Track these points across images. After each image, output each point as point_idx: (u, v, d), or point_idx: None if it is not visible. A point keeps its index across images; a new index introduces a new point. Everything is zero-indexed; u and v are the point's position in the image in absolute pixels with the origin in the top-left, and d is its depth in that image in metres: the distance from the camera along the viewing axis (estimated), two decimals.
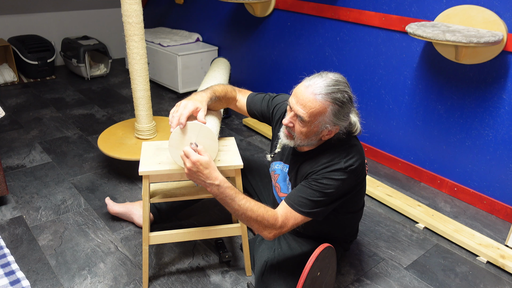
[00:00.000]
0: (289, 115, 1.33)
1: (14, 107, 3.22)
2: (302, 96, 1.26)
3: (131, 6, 2.01)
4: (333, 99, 1.24)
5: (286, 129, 1.35)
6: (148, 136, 2.31)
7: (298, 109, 1.26)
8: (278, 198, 1.61)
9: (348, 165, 1.32)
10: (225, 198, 1.26)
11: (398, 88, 2.36)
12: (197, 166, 1.23)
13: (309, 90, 1.25)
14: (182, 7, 3.93)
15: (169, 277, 1.65)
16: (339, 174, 1.31)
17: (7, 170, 2.35)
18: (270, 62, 3.14)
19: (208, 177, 1.24)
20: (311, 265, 1.26)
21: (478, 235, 1.91)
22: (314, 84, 1.26)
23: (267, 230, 1.30)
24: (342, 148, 1.35)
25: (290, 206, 1.33)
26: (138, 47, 2.11)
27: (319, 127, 1.29)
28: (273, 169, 1.58)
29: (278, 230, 1.31)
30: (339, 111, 1.26)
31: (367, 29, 2.41)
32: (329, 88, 1.24)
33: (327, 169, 1.32)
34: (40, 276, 1.63)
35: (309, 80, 1.28)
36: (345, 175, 1.32)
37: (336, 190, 1.32)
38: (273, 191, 1.65)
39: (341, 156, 1.33)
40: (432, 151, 2.31)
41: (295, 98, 1.29)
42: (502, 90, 1.95)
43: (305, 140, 1.33)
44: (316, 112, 1.25)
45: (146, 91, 2.21)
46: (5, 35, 3.90)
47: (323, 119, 1.26)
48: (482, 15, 1.89)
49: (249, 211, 1.26)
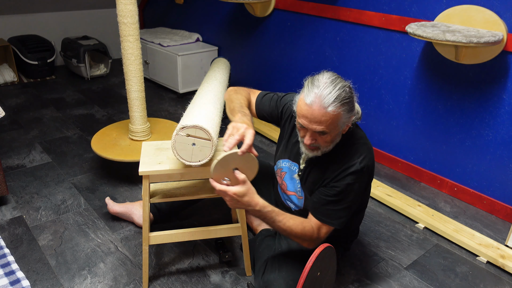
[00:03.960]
0: (307, 134, 1.32)
1: (14, 107, 3.22)
2: (312, 116, 1.25)
3: (126, 6, 2.01)
4: (340, 102, 1.24)
5: (310, 146, 1.35)
6: (142, 138, 2.30)
7: (315, 127, 1.27)
8: (284, 195, 1.61)
9: (363, 166, 1.35)
10: (266, 220, 1.35)
11: (398, 88, 2.36)
12: (235, 198, 1.28)
13: (315, 106, 1.24)
14: (182, 7, 3.93)
15: (169, 277, 1.65)
16: (356, 176, 1.35)
17: (7, 170, 2.35)
18: (270, 62, 3.14)
19: (248, 204, 1.30)
20: (311, 265, 1.26)
21: (478, 235, 1.91)
22: (317, 98, 1.24)
23: (306, 243, 1.40)
24: (354, 147, 1.38)
25: (320, 221, 1.39)
26: (133, 48, 2.10)
27: (339, 129, 1.31)
28: (280, 166, 1.58)
29: (315, 241, 1.40)
30: (349, 107, 1.28)
31: (367, 29, 2.41)
32: (332, 95, 1.23)
33: (344, 173, 1.35)
34: (40, 276, 1.63)
35: (308, 96, 1.25)
36: (362, 176, 1.36)
37: (356, 193, 1.38)
38: (278, 189, 1.66)
39: (355, 156, 1.36)
40: (432, 151, 2.31)
41: (305, 119, 1.27)
42: (502, 90, 1.95)
43: (331, 145, 1.35)
44: (332, 121, 1.26)
45: (141, 92, 2.21)
46: (5, 35, 3.90)
47: (341, 121, 1.28)
48: (482, 15, 1.89)
49: (289, 229, 1.36)
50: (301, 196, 1.52)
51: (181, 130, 1.34)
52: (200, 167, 1.43)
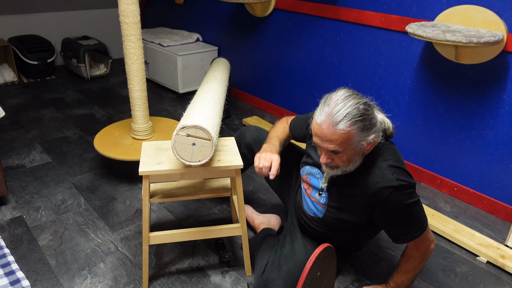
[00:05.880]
0: (322, 153, 1.32)
1: (14, 107, 3.22)
2: (323, 135, 1.24)
3: (128, 6, 2.01)
4: (351, 120, 1.20)
5: (328, 164, 1.34)
6: (145, 137, 2.31)
7: (327, 146, 1.25)
8: (307, 198, 1.56)
9: (400, 179, 1.30)
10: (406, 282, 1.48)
11: (398, 88, 2.36)
12: None
13: (325, 126, 1.22)
14: (182, 7, 3.93)
15: (169, 277, 1.65)
16: (397, 192, 1.29)
17: (7, 170, 2.35)
18: (270, 62, 3.14)
19: None
20: (311, 265, 1.26)
21: (478, 235, 1.91)
22: (326, 117, 1.22)
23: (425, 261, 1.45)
24: (379, 166, 1.32)
25: (413, 240, 1.37)
26: (135, 47, 2.11)
27: (356, 148, 1.26)
28: (306, 172, 1.54)
29: (429, 251, 1.42)
30: (363, 125, 1.23)
31: (367, 29, 2.41)
32: (341, 113, 1.20)
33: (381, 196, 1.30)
34: (40, 276, 1.63)
35: (320, 115, 1.24)
36: (403, 192, 1.30)
37: (415, 208, 1.34)
38: (302, 192, 1.60)
39: (384, 172, 1.30)
40: (432, 151, 2.31)
41: (317, 138, 1.27)
42: (502, 90, 1.95)
43: (350, 164, 1.31)
44: (344, 140, 1.22)
45: (143, 91, 2.21)
46: (5, 35, 3.90)
47: (354, 140, 1.24)
48: (482, 15, 1.89)
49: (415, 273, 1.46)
50: (323, 204, 1.49)
51: (181, 130, 1.34)
52: (200, 167, 1.43)
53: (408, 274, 1.46)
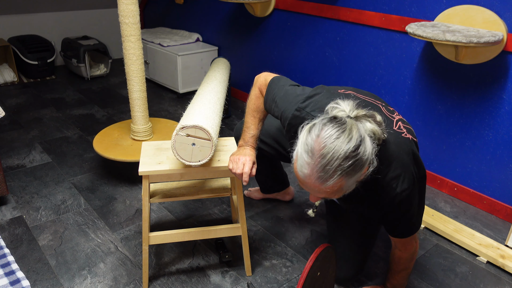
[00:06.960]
0: (312, 194, 1.15)
1: (14, 107, 3.22)
2: (309, 188, 1.08)
3: (127, 6, 2.01)
4: (340, 175, 1.01)
5: None
6: (144, 138, 2.31)
7: (320, 195, 1.10)
8: None
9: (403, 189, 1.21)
10: None
11: (398, 88, 2.36)
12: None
13: (310, 181, 1.04)
14: (182, 7, 3.93)
15: (169, 277, 1.65)
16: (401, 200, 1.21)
17: (7, 170, 2.35)
18: (270, 62, 3.14)
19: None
20: (311, 265, 1.26)
21: (478, 235, 1.91)
22: (311, 172, 1.02)
23: (415, 259, 1.49)
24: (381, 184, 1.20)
25: (405, 239, 1.38)
26: (134, 48, 2.11)
27: (350, 188, 1.09)
28: None
29: (416, 251, 1.46)
30: (355, 170, 1.02)
31: (367, 29, 2.41)
32: (328, 170, 1.00)
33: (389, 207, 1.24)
34: (40, 276, 1.63)
35: (302, 166, 1.04)
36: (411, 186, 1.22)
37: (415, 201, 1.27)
38: None
39: (391, 183, 1.20)
40: (432, 151, 2.31)
41: (303, 186, 1.10)
42: (502, 90, 1.95)
43: (347, 193, 1.13)
44: (334, 191, 1.06)
45: (142, 92, 2.21)
46: (5, 35, 3.90)
47: (346, 186, 1.06)
48: (482, 15, 1.89)
49: (406, 273, 1.52)
50: None
51: (181, 130, 1.34)
52: (200, 167, 1.43)
53: (402, 273, 1.51)
